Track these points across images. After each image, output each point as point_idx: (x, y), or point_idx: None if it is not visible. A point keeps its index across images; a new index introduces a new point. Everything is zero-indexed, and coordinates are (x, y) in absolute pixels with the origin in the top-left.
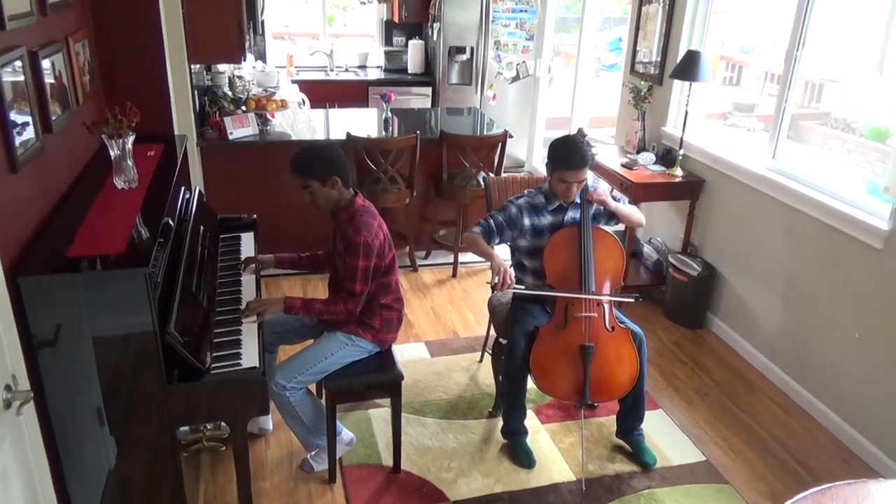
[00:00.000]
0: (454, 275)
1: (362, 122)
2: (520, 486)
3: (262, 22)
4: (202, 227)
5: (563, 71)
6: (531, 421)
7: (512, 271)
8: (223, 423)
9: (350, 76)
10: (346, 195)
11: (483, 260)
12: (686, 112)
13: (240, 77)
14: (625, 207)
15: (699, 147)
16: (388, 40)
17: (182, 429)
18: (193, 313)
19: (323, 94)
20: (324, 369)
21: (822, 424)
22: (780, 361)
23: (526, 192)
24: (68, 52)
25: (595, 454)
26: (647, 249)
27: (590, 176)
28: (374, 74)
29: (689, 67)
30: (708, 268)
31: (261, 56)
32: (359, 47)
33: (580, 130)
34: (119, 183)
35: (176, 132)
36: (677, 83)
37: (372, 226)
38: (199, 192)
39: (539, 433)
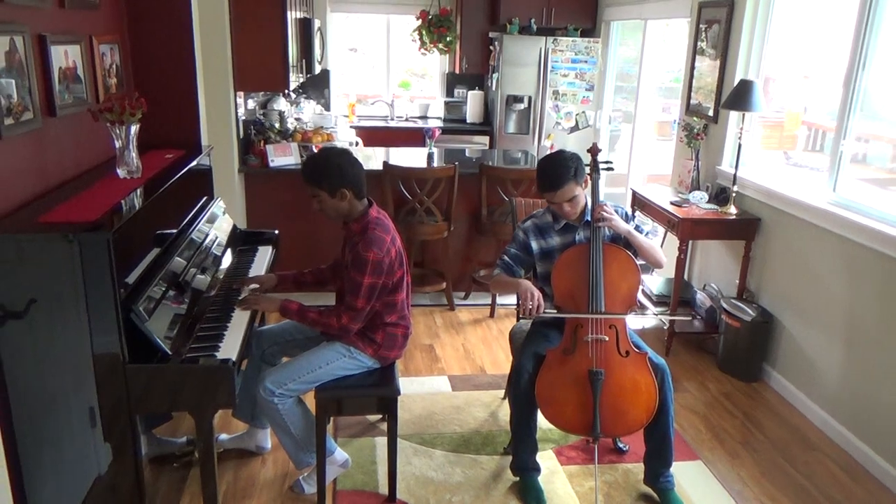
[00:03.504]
0: (492, 315)
1: (408, 158)
2: None
3: (328, 73)
4: (212, 232)
5: (629, 129)
6: (549, 461)
7: (540, 295)
8: (218, 438)
9: (409, 125)
10: (358, 206)
11: None
12: (739, 146)
13: (298, 119)
14: (642, 238)
15: (755, 184)
16: (449, 92)
17: (179, 440)
18: (177, 303)
19: (381, 139)
20: (316, 379)
21: (890, 488)
22: (841, 417)
23: (534, 211)
24: (90, 49)
25: (617, 500)
26: (700, 296)
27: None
28: (434, 124)
29: (741, 97)
30: (764, 314)
31: (325, 108)
32: (420, 99)
33: (593, 146)
34: (121, 172)
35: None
36: (732, 121)
37: (384, 241)
38: (220, 202)
39: (556, 475)
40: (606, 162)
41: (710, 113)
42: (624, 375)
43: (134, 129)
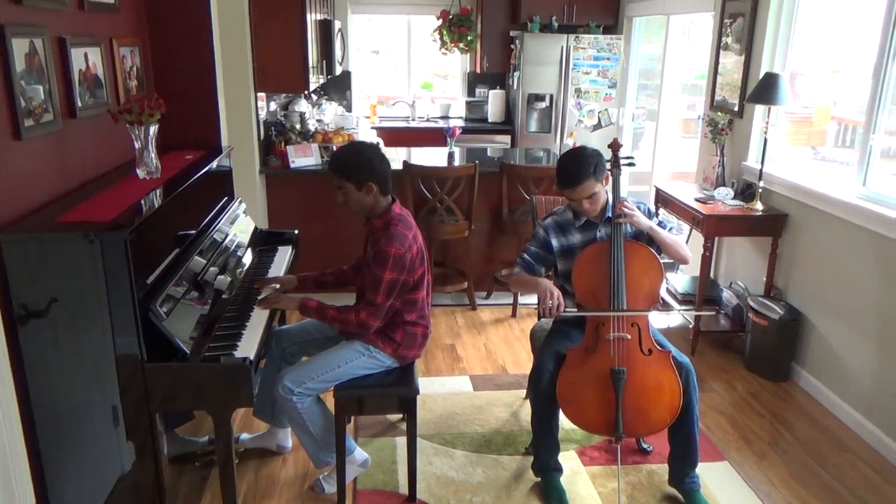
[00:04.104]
0: (514, 314)
1: (429, 158)
2: None
3: (349, 75)
4: (232, 232)
5: (653, 127)
6: (572, 462)
7: (560, 294)
8: (239, 438)
9: (431, 125)
10: (382, 202)
11: None
12: (765, 141)
13: (319, 120)
14: (665, 234)
15: (782, 179)
16: (470, 92)
17: (201, 440)
18: (196, 302)
19: (402, 140)
20: (335, 378)
21: None
22: (875, 417)
23: (555, 209)
24: (110, 52)
25: (640, 502)
26: (726, 295)
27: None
28: (455, 124)
29: (766, 90)
30: (793, 312)
31: (347, 109)
32: (441, 99)
33: (614, 141)
34: (141, 173)
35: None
36: (757, 116)
37: (406, 237)
38: (241, 202)
39: (579, 475)
40: (628, 157)
41: (735, 108)
42: (647, 374)
43: (153, 129)
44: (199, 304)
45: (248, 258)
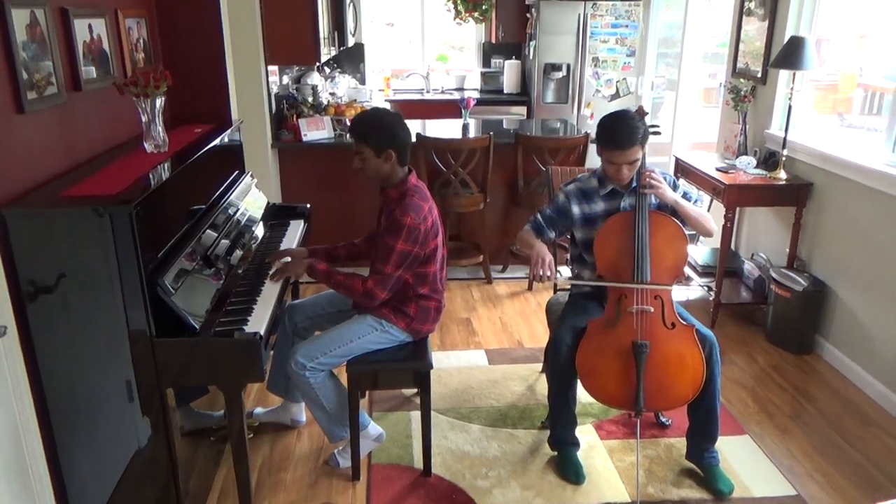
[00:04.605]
0: (530, 288)
1: (443, 130)
2: (562, 503)
3: (362, 47)
4: (242, 206)
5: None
6: (589, 436)
7: (551, 261)
8: (254, 412)
9: (445, 97)
10: (399, 172)
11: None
12: (790, 107)
13: (332, 93)
14: (691, 206)
15: (807, 147)
16: (486, 63)
17: (216, 414)
18: (206, 277)
19: (417, 112)
20: (348, 352)
21: None
22: None
23: (579, 175)
24: (115, 23)
25: (659, 476)
26: (748, 266)
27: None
28: (471, 95)
29: (791, 55)
30: (816, 283)
31: (361, 83)
32: (456, 71)
33: (640, 108)
34: (149, 147)
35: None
36: (782, 82)
37: (422, 209)
38: (251, 176)
39: (596, 449)
40: (653, 126)
41: (759, 74)
42: (669, 348)
43: (159, 102)
44: (209, 279)
45: (259, 232)
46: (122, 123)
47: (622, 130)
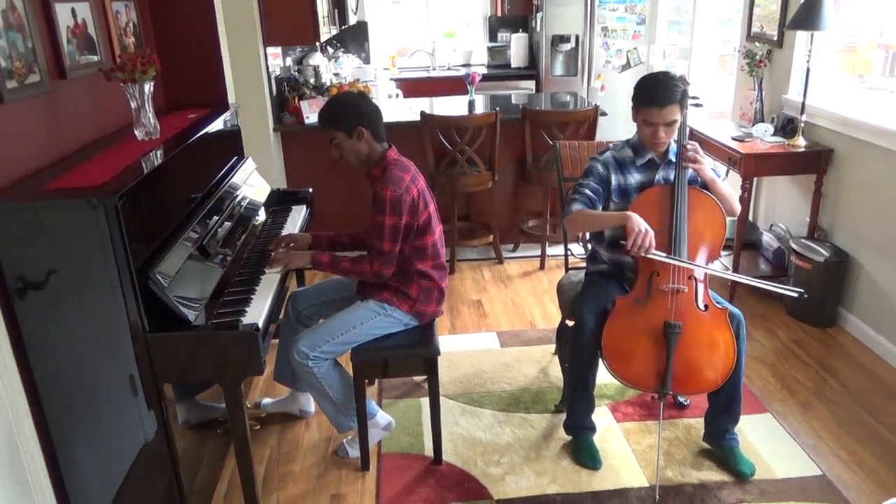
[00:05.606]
0: (542, 266)
1: (449, 107)
2: (578, 489)
3: (366, 26)
4: (241, 192)
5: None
6: (605, 418)
7: (653, 234)
8: (262, 403)
9: (452, 74)
10: (378, 149)
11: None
12: (808, 71)
13: (336, 74)
14: (723, 185)
15: (827, 111)
16: (492, 37)
17: (222, 405)
18: (203, 267)
19: (424, 90)
20: (351, 340)
21: None
22: None
23: (611, 145)
24: (101, 7)
25: (677, 458)
26: (766, 238)
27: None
28: (477, 71)
29: (809, 14)
30: (839, 253)
31: (365, 62)
32: (462, 46)
33: (682, 77)
34: (139, 134)
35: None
36: (799, 44)
37: (403, 180)
38: (251, 161)
39: (612, 432)
40: (694, 97)
41: (775, 38)
42: (702, 331)
43: (148, 87)
44: (207, 269)
45: (259, 219)
46: (112, 111)
47: (660, 86)
